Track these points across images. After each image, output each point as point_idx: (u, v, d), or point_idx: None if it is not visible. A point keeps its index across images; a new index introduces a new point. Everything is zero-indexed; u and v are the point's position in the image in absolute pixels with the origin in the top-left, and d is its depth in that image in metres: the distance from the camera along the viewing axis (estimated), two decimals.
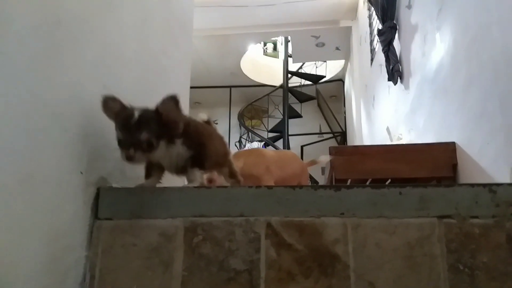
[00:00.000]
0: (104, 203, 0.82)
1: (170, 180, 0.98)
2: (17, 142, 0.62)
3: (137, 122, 0.77)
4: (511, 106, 1.62)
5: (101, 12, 0.87)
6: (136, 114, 0.79)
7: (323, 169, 5.50)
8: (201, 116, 1.04)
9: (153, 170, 0.89)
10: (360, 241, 0.74)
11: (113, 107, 0.80)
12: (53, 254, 0.71)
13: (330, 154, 2.35)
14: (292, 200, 0.78)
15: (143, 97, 1.03)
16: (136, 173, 0.96)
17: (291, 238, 0.75)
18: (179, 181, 1.12)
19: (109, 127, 0.87)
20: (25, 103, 0.64)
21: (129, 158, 0.77)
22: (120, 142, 0.78)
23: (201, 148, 0.89)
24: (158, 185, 0.88)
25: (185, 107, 1.41)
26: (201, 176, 0.90)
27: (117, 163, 0.90)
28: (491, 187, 0.73)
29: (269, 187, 0.79)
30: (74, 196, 0.77)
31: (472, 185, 0.74)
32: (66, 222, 0.75)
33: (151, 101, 1.08)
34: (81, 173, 0.78)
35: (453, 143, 2.22)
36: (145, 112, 0.80)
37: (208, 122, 1.04)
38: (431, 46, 2.69)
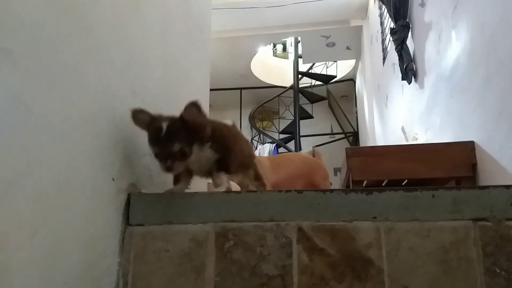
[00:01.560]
0: (135, 209, 0.83)
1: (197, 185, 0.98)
2: (54, 150, 0.63)
3: (167, 134, 0.79)
4: None
5: (128, 18, 0.88)
6: (164, 126, 0.80)
7: (335, 170, 5.48)
8: (226, 120, 1.04)
9: (182, 175, 0.89)
10: (393, 245, 0.73)
11: (142, 119, 0.82)
12: (87, 261, 0.71)
13: (346, 155, 2.33)
14: (323, 204, 0.77)
15: (166, 101, 1.04)
16: (162, 178, 0.97)
17: (323, 243, 0.75)
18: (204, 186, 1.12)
19: (138, 133, 0.88)
20: (59, 111, 0.65)
21: (168, 169, 0.80)
22: (157, 156, 0.80)
23: (226, 151, 0.90)
24: (186, 191, 0.89)
25: (206, 109, 1.41)
26: (227, 180, 0.90)
27: (145, 169, 0.91)
28: None
29: (299, 191, 0.79)
30: (107, 202, 0.77)
31: (508, 186, 0.73)
32: (99, 229, 0.75)
33: (174, 104, 1.09)
34: (113, 179, 0.79)
35: (472, 142, 2.19)
36: (172, 122, 0.81)
37: (233, 125, 1.04)
38: (446, 44, 2.66)
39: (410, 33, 3.38)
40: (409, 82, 3.32)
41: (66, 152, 0.66)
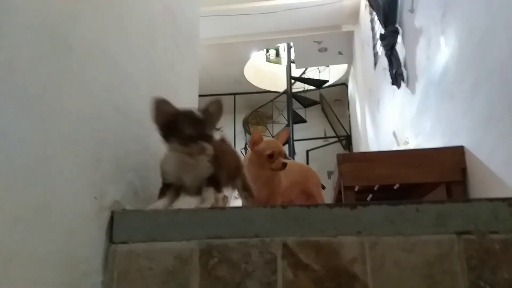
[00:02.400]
0: (119, 227, 0.82)
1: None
2: (31, 172, 0.62)
3: (197, 118, 0.88)
4: None
5: (111, 35, 0.87)
6: (199, 112, 0.89)
7: (329, 173, 5.48)
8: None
9: (168, 191, 0.89)
10: (378, 259, 0.73)
11: (166, 109, 0.88)
12: (69, 282, 0.70)
13: (337, 161, 2.34)
14: (308, 219, 0.77)
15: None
16: (149, 194, 0.96)
17: (308, 258, 0.75)
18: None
19: (122, 150, 0.87)
20: (37, 133, 0.64)
21: (202, 150, 0.85)
22: (189, 137, 0.86)
23: (217, 169, 0.90)
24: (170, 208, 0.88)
25: None
26: (214, 197, 0.90)
27: (130, 185, 0.90)
28: (510, 201, 0.72)
29: (284, 207, 0.79)
30: (89, 221, 0.76)
31: (491, 199, 0.73)
32: (81, 248, 0.74)
33: None
34: (95, 198, 0.78)
35: (462, 147, 2.20)
36: (200, 111, 0.91)
37: (222, 140, 1.05)
38: (435, 50, 2.68)
39: (400, 38, 3.40)
40: (399, 87, 3.34)
41: (45, 173, 0.65)
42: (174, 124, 0.87)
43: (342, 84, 7.35)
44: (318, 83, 7.05)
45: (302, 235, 0.76)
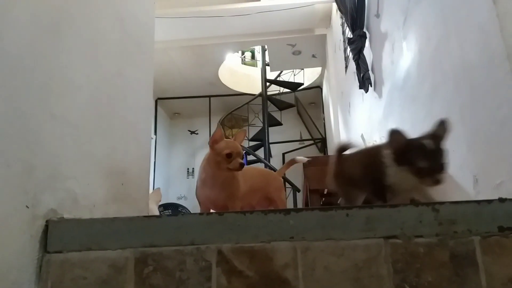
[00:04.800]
0: (53, 236, 0.80)
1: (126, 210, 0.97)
2: None
3: (435, 149, 0.94)
4: (469, 116, 1.66)
5: (47, 38, 0.86)
6: (430, 142, 0.96)
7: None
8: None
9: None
10: (309, 264, 0.74)
11: (399, 139, 0.98)
12: None
13: (303, 164, 2.37)
14: (243, 225, 0.78)
15: (96, 121, 1.02)
16: (90, 201, 0.95)
17: (242, 265, 0.75)
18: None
19: (59, 157, 0.86)
20: None
21: (438, 182, 0.93)
22: (427, 170, 0.93)
23: None
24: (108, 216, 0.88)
25: (149, 125, 1.40)
26: None
27: (69, 193, 0.89)
28: (434, 206, 0.75)
29: (220, 214, 0.79)
30: (20, 231, 0.75)
31: (417, 204, 0.75)
32: (11, 258, 0.73)
33: (106, 124, 1.07)
34: (27, 207, 0.76)
35: None
36: (433, 140, 0.98)
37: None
38: (399, 55, 2.75)
39: (368, 42, 3.47)
40: (366, 91, 3.40)
41: None
42: (406, 154, 0.97)
43: (316, 87, 7.44)
44: (293, 86, 7.12)
45: (237, 242, 0.77)
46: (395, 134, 1.01)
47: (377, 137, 3.31)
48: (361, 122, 3.92)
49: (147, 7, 1.36)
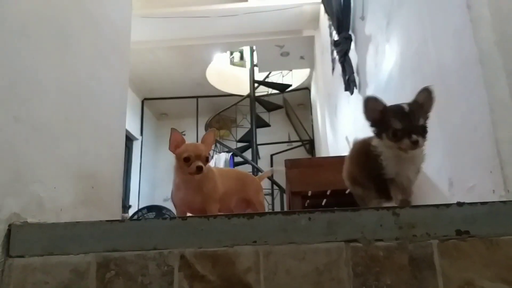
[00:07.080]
0: (16, 240, 0.80)
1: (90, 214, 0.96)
2: None
3: (410, 111, 0.92)
4: (446, 120, 1.69)
5: (13, 39, 0.85)
6: (406, 106, 0.93)
7: None
8: None
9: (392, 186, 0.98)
10: (271, 268, 0.75)
11: (375, 107, 0.95)
12: None
13: (285, 167, 2.37)
14: (206, 230, 0.78)
15: (65, 124, 1.01)
16: (56, 204, 0.94)
17: (204, 270, 0.75)
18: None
19: (22, 161, 0.85)
20: None
21: (415, 143, 0.89)
22: (402, 131, 0.90)
23: None
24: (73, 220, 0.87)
25: (123, 127, 1.39)
26: None
27: (33, 196, 0.88)
28: (395, 210, 0.76)
29: (184, 218, 0.79)
30: None
31: (377, 208, 0.76)
32: None
33: (77, 127, 1.07)
34: None
35: None
36: (412, 103, 0.95)
37: None
38: (382, 57, 2.77)
39: (353, 45, 3.50)
40: (351, 93, 3.43)
41: None
42: (383, 120, 0.94)
43: (305, 89, 7.45)
44: (282, 87, 7.12)
45: (200, 246, 0.77)
46: (370, 102, 0.98)
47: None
48: (346, 124, 3.95)
49: (123, 8, 1.35)
